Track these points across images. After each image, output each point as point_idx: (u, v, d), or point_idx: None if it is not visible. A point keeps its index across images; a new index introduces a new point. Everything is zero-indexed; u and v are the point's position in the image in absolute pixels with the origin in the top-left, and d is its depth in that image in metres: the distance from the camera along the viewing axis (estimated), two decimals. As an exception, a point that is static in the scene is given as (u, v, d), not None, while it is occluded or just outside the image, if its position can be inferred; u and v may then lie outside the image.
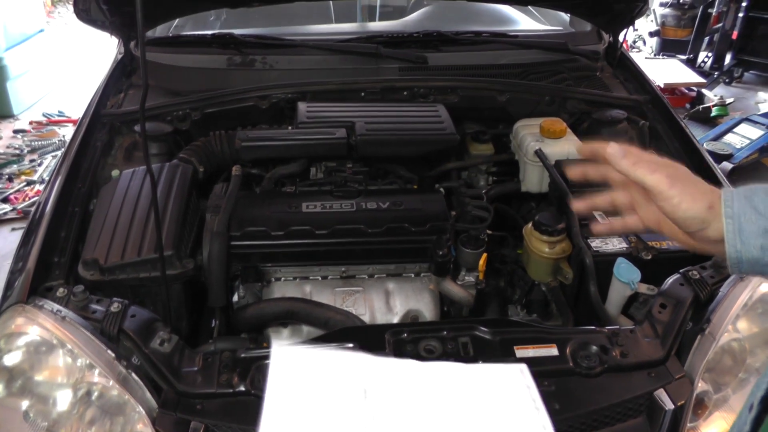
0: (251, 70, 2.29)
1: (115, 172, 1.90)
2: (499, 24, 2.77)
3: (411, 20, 2.78)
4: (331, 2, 2.89)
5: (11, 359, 1.32)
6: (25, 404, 1.32)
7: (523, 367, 1.19)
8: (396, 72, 2.29)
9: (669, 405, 1.31)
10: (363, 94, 2.18)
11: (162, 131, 2.02)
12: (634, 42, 7.54)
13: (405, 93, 2.19)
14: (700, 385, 1.38)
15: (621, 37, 2.50)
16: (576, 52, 2.43)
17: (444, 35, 2.42)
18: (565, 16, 2.84)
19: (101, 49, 3.39)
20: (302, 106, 2.03)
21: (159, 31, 2.55)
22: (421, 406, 1.11)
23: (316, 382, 1.14)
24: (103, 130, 2.02)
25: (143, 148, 1.33)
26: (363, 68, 2.29)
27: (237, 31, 2.42)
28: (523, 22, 2.87)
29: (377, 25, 2.84)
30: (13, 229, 4.07)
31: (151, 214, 1.57)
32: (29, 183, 4.58)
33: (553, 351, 1.38)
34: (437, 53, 2.37)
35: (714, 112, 5.63)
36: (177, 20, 2.68)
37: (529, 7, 2.92)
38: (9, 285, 1.48)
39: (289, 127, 2.02)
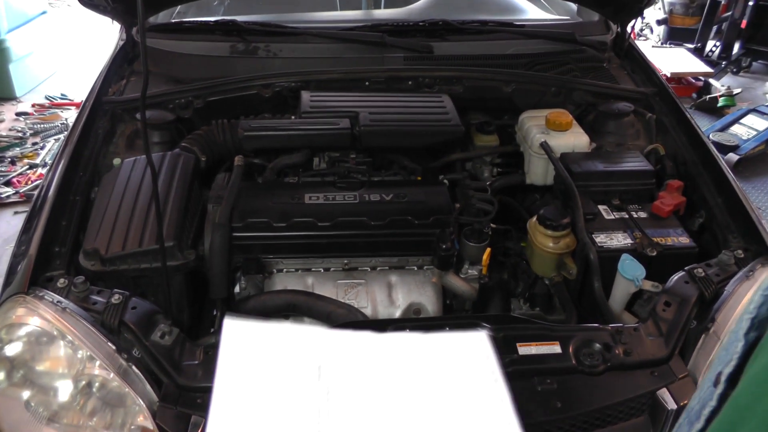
0: (254, 57, 2.27)
1: (116, 161, 1.88)
2: (506, 13, 2.74)
3: (417, 8, 2.75)
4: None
5: (12, 349, 1.33)
6: (26, 394, 1.32)
7: (482, 336, 1.17)
8: (401, 61, 2.27)
9: (672, 405, 1.30)
10: (367, 83, 2.16)
11: (164, 119, 2.00)
12: (642, 30, 7.46)
13: (410, 83, 2.17)
14: (704, 385, 1.37)
15: (629, 28, 2.47)
16: (583, 42, 2.40)
17: (450, 24, 2.39)
18: (573, 6, 2.80)
19: (104, 32, 3.35)
20: (306, 96, 2.01)
21: (161, 17, 2.53)
22: (377, 382, 1.08)
23: (268, 360, 1.09)
24: (105, 118, 2.01)
25: (143, 138, 1.32)
26: (367, 57, 2.27)
27: (240, 18, 2.40)
28: (531, 11, 2.83)
29: (382, 13, 2.81)
30: (16, 213, 4.06)
31: (152, 204, 1.56)
32: (32, 166, 4.56)
33: (555, 348, 1.37)
34: (443, 42, 2.34)
35: (721, 102, 5.58)
36: (179, 6, 2.65)
37: (537, -5, 2.89)
38: (11, 270, 1.48)
39: (293, 117, 2.01)
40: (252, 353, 1.10)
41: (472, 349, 1.15)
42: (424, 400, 1.06)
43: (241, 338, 1.13)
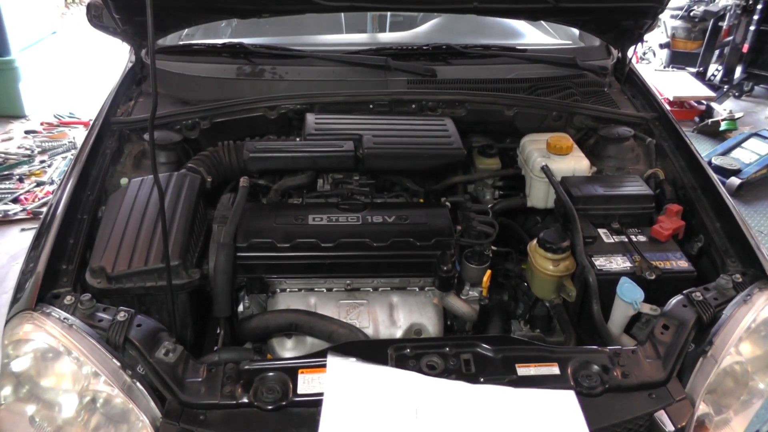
0: (260, 80, 2.31)
1: (123, 180, 1.92)
2: (508, 37, 2.78)
3: (421, 32, 2.80)
4: (342, 13, 2.91)
5: (19, 365, 1.35)
6: (31, 409, 1.34)
7: (571, 395, 1.23)
8: (404, 84, 2.30)
9: (669, 427, 1.31)
10: (371, 106, 2.19)
11: (171, 140, 2.04)
12: (644, 54, 7.51)
13: (413, 106, 2.21)
14: (702, 407, 1.38)
15: (630, 53, 2.50)
16: (584, 67, 2.44)
17: (453, 48, 2.43)
18: (575, 30, 2.84)
19: (113, 52, 3.41)
20: (310, 118, 2.05)
21: (169, 39, 2.57)
22: (469, 428, 1.14)
23: (369, 397, 1.18)
24: (113, 138, 2.05)
25: (151, 159, 1.35)
26: (372, 80, 2.31)
27: (247, 41, 2.44)
28: (533, 35, 2.88)
29: (387, 37, 2.85)
30: (23, 230, 4.10)
31: (158, 224, 1.59)
32: (39, 184, 4.61)
33: (554, 370, 1.38)
34: (446, 66, 2.38)
35: (723, 126, 5.61)
36: (187, 29, 2.71)
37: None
38: (19, 287, 1.51)
39: (297, 139, 2.04)
40: (354, 392, 1.19)
41: (561, 408, 1.21)
42: None
43: (344, 377, 1.23)
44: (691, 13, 6.44)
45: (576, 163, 2.01)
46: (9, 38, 5.35)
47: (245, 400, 1.31)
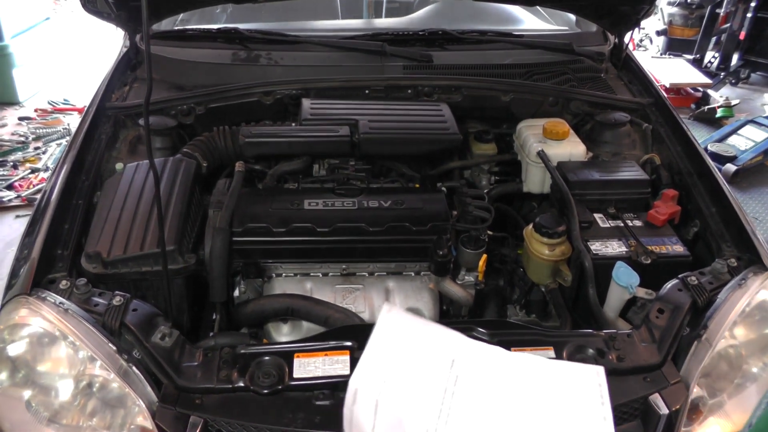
0: (256, 65, 2.30)
1: (119, 166, 1.91)
2: (505, 23, 2.77)
3: (417, 18, 2.78)
4: (337, -2, 2.90)
5: (14, 350, 1.34)
6: (27, 394, 1.34)
7: (600, 370, 1.27)
8: (400, 70, 2.29)
9: (664, 410, 1.32)
10: (367, 91, 2.19)
11: (166, 125, 2.03)
12: (641, 41, 7.51)
13: (409, 91, 2.20)
14: (696, 391, 1.39)
15: (626, 39, 2.50)
16: (581, 53, 2.43)
17: (449, 34, 2.42)
18: (572, 16, 2.83)
19: (107, 38, 3.38)
20: (306, 103, 2.04)
21: (164, 24, 2.56)
22: (497, 386, 1.24)
23: (412, 343, 1.29)
24: (108, 123, 2.04)
25: (147, 144, 1.34)
26: (368, 65, 2.30)
27: (242, 26, 2.43)
28: (530, 21, 2.86)
29: (383, 22, 2.84)
30: (17, 217, 4.09)
31: (154, 209, 1.58)
32: (33, 170, 4.59)
33: (549, 353, 1.39)
34: (442, 52, 2.37)
35: (719, 113, 5.61)
36: (182, 14, 2.69)
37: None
38: (14, 273, 1.50)
39: (293, 124, 2.03)
40: (399, 338, 1.30)
41: (588, 381, 1.26)
42: (532, 415, 1.20)
43: (394, 321, 1.34)
44: (688, 0, 6.43)
45: (572, 149, 2.01)
46: (2, 24, 5.31)
47: (241, 384, 1.31)
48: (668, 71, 5.97)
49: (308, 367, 1.34)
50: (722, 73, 6.45)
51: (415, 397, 1.22)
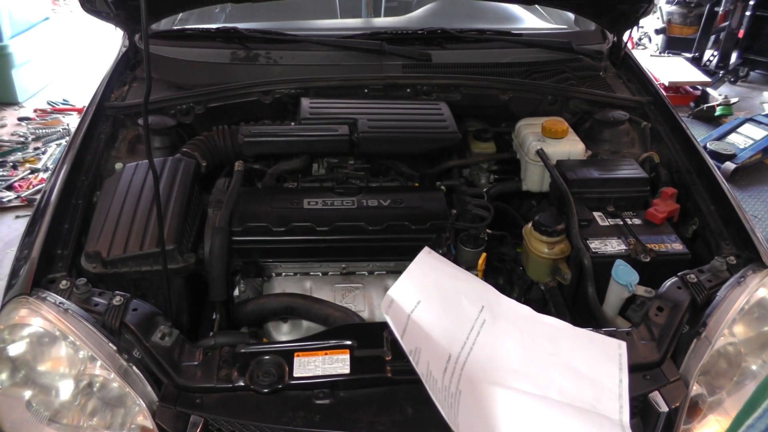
0: (255, 64, 2.30)
1: (118, 165, 1.91)
2: (504, 22, 2.77)
3: (416, 17, 2.78)
4: (336, -3, 2.90)
5: (15, 350, 1.35)
6: (27, 394, 1.34)
7: (623, 344, 1.34)
8: (399, 69, 2.30)
9: (663, 407, 1.33)
10: (366, 90, 2.19)
11: (165, 125, 2.03)
12: (640, 39, 7.50)
13: (408, 90, 2.20)
14: (695, 388, 1.39)
15: (625, 37, 2.50)
16: (580, 51, 2.43)
17: (448, 33, 2.42)
18: (570, 15, 2.84)
19: (106, 38, 3.38)
20: (305, 102, 2.04)
21: (163, 24, 2.56)
22: (520, 338, 1.34)
23: (447, 282, 1.42)
24: (107, 123, 2.04)
25: (146, 143, 1.35)
26: (366, 65, 2.30)
27: (241, 25, 2.43)
28: (528, 19, 2.87)
29: (382, 21, 2.84)
30: (17, 217, 4.08)
31: (153, 208, 1.59)
32: (33, 171, 4.59)
33: None
34: (441, 51, 2.37)
35: (718, 111, 5.61)
36: (181, 14, 2.69)
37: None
38: (14, 273, 1.50)
39: (292, 123, 2.03)
40: (438, 271, 1.45)
41: (610, 351, 1.34)
42: (550, 368, 1.30)
43: (433, 259, 1.49)
44: (687, -1, 6.43)
45: (571, 147, 2.02)
46: (1, 24, 5.30)
47: (241, 383, 1.31)
48: (667, 69, 5.97)
49: (308, 366, 1.34)
50: (721, 72, 6.45)
51: (445, 322, 1.33)
